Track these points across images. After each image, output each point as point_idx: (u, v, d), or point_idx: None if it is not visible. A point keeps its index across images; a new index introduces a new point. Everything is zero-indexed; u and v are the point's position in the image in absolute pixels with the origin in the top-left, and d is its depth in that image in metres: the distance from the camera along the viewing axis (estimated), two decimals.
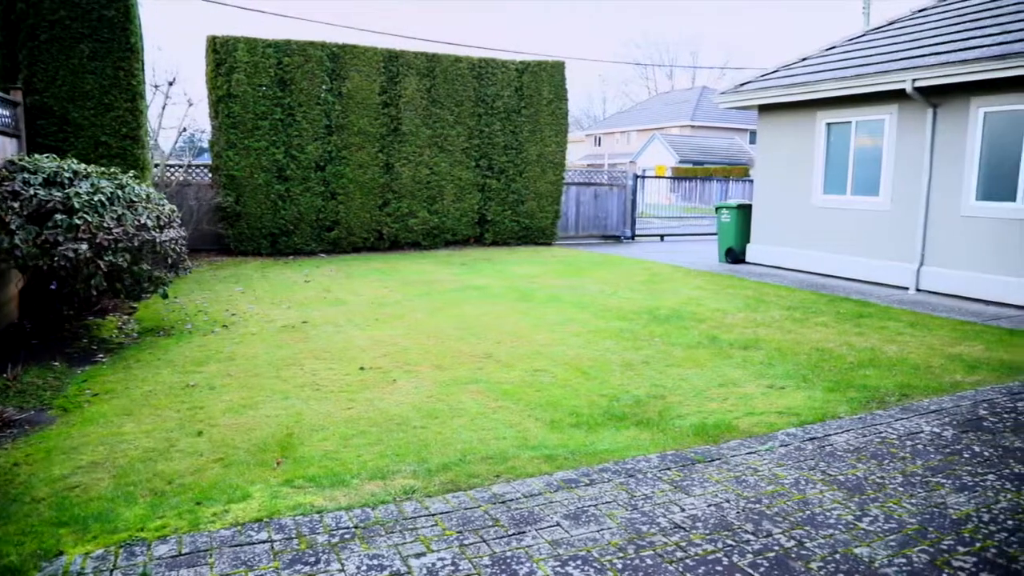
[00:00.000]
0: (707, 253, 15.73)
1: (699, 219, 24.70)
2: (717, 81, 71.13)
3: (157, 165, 13.37)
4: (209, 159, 14.33)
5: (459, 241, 16.39)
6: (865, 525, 3.50)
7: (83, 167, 7.04)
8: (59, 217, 6.23)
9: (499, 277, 11.74)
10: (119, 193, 6.88)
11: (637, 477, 4.06)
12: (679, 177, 28.89)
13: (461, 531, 3.42)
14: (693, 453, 4.44)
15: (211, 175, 14.10)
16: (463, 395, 5.58)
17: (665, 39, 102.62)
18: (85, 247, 6.21)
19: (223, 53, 13.42)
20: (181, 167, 14.21)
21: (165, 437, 4.62)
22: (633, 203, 18.97)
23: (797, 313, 8.89)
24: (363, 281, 11.25)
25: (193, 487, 3.89)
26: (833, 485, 3.97)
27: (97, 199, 6.52)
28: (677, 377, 6.12)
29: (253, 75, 13.58)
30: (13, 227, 6.09)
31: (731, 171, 39.38)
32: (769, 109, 13.24)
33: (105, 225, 6.46)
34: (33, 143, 9.27)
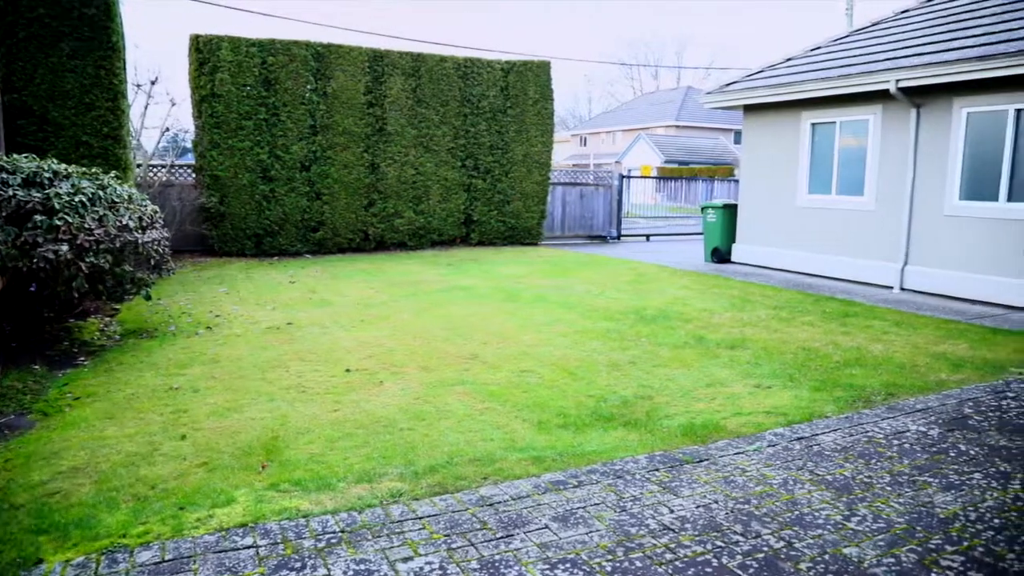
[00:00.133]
0: (693, 253, 15.77)
1: (685, 219, 24.78)
2: (702, 81, 71.39)
3: (139, 165, 13.23)
4: (192, 159, 14.19)
5: (445, 241, 16.34)
6: (854, 525, 3.50)
7: (63, 167, 6.94)
8: (39, 218, 6.13)
9: (485, 277, 11.70)
10: (100, 194, 6.78)
11: (625, 478, 4.05)
12: (665, 177, 29.00)
13: (449, 534, 3.39)
14: (681, 454, 4.43)
15: (195, 175, 13.97)
16: (450, 396, 5.55)
17: (651, 39, 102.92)
18: (66, 248, 6.12)
19: (206, 52, 13.30)
20: (164, 167, 14.08)
21: (148, 441, 4.56)
22: (619, 203, 18.99)
23: (783, 312, 8.91)
24: (349, 282, 11.18)
25: (177, 492, 3.83)
26: (821, 485, 3.97)
27: (78, 200, 6.43)
28: (664, 377, 6.12)
29: (237, 74, 13.47)
30: None
31: (716, 171, 39.54)
32: (754, 109, 13.29)
33: (86, 226, 6.37)
34: (12, 143, 9.14)
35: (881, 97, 10.79)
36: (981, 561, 3.17)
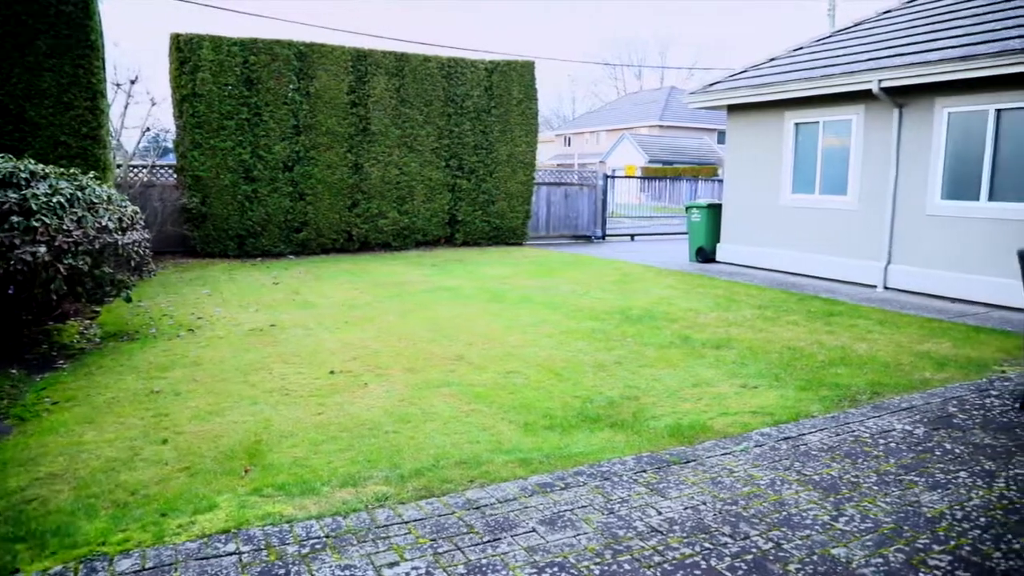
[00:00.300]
0: (678, 252, 15.80)
1: (669, 218, 24.85)
2: (686, 81, 71.63)
3: (120, 166, 13.07)
4: (174, 159, 14.05)
5: (429, 242, 16.27)
6: (841, 525, 3.49)
7: (41, 167, 6.83)
8: (15, 219, 6.03)
9: (470, 278, 11.66)
10: (79, 195, 6.68)
11: (613, 480, 4.02)
12: (649, 177, 29.06)
13: (435, 539, 3.35)
14: (668, 455, 4.41)
15: (176, 176, 13.82)
16: (435, 398, 5.50)
17: (634, 39, 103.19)
18: (43, 250, 6.02)
19: (187, 51, 13.16)
20: (145, 168, 13.91)
21: (128, 446, 4.48)
22: (604, 203, 18.99)
23: (768, 312, 8.94)
24: (333, 283, 11.10)
25: (158, 498, 3.77)
26: (808, 485, 3.96)
27: (56, 201, 6.33)
28: (650, 377, 6.10)
29: (218, 74, 13.34)
30: None
31: (700, 171, 39.69)
32: (738, 109, 13.33)
33: (64, 227, 6.27)
34: None
35: (864, 97, 10.85)
36: (968, 560, 3.18)
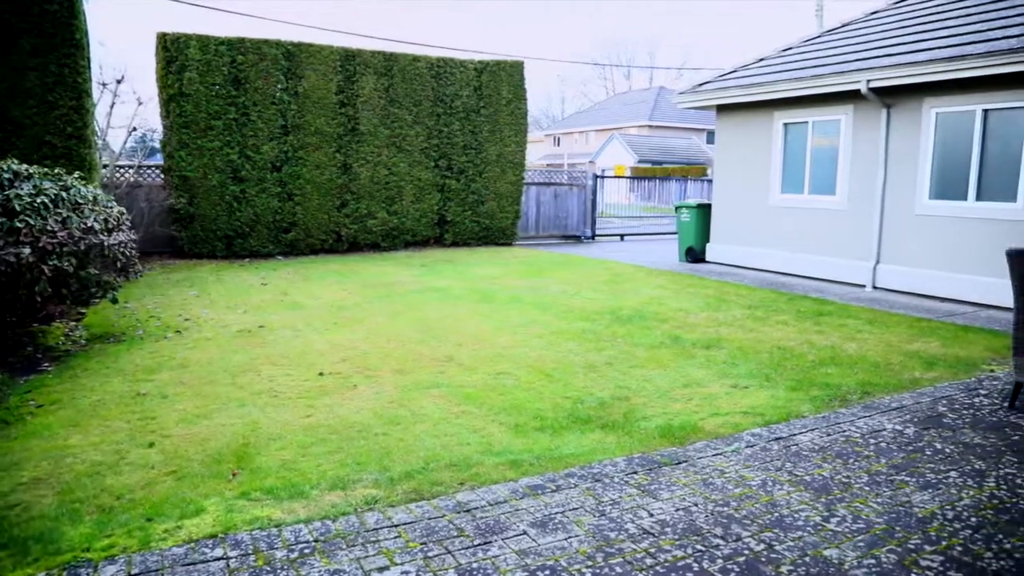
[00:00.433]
0: (667, 252, 15.81)
1: (658, 218, 24.87)
2: (674, 81, 71.78)
3: (106, 166, 12.96)
4: (161, 159, 13.93)
5: (419, 242, 16.22)
6: (833, 526, 3.48)
7: (24, 168, 6.75)
8: None
9: (460, 278, 11.62)
10: (64, 195, 6.60)
11: (604, 482, 4.00)
12: (638, 177, 29.10)
13: (425, 542, 3.31)
14: (659, 456, 4.40)
15: (163, 176, 13.71)
16: (425, 400, 5.47)
17: (623, 39, 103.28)
18: (27, 251, 5.94)
19: (174, 51, 13.06)
20: (132, 168, 13.80)
21: (114, 449, 4.43)
22: (593, 203, 18.99)
23: (758, 312, 8.94)
24: (321, 284, 11.04)
25: (144, 502, 3.71)
26: (800, 486, 3.95)
27: (40, 201, 6.25)
28: (641, 378, 6.09)
29: (206, 73, 13.25)
30: None
31: (689, 171, 39.79)
32: (727, 109, 13.35)
33: (49, 228, 6.19)
34: None
35: (852, 97, 10.88)
36: (960, 560, 3.17)
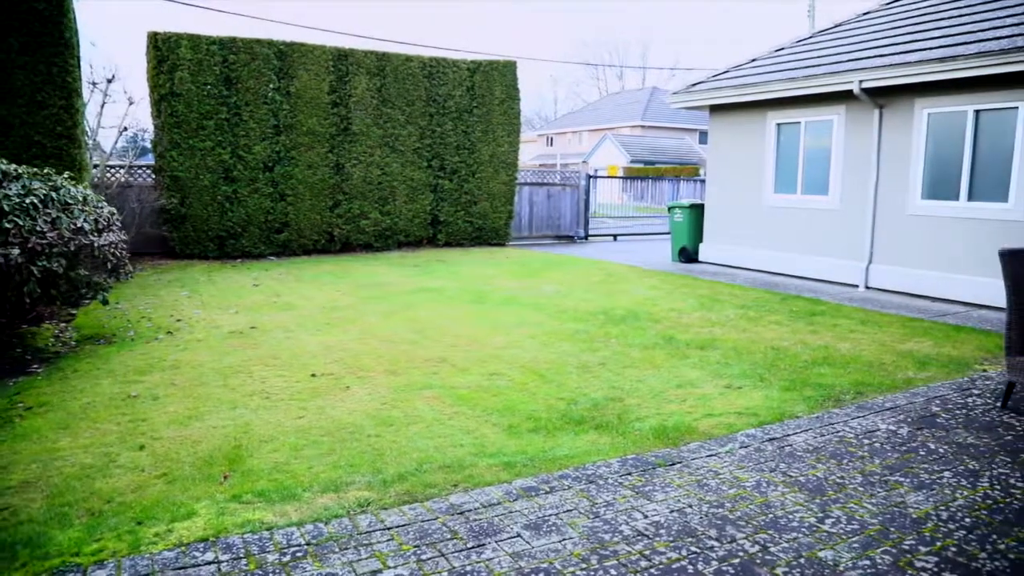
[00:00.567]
0: (660, 252, 15.82)
1: (651, 218, 24.88)
2: (667, 82, 71.90)
3: (96, 166, 12.88)
4: (152, 160, 13.86)
5: (412, 242, 16.18)
6: (828, 527, 3.47)
7: (13, 168, 6.68)
8: None
9: (453, 279, 11.59)
10: (53, 195, 6.55)
11: (598, 483, 3.98)
12: (631, 177, 29.12)
13: (419, 545, 3.29)
14: (654, 457, 4.38)
15: (154, 176, 13.64)
16: (418, 401, 5.44)
17: (615, 40, 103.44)
18: (16, 252, 5.89)
19: (165, 50, 12.99)
20: (122, 168, 13.72)
21: (104, 452, 4.38)
22: (586, 203, 18.99)
23: (751, 312, 8.95)
24: (314, 284, 11.00)
25: (134, 505, 3.68)
26: (794, 487, 3.94)
27: (29, 202, 6.20)
28: (635, 379, 6.07)
29: (197, 73, 13.18)
30: None
31: (682, 171, 39.85)
32: (720, 109, 13.36)
33: (38, 229, 6.14)
34: None
35: (845, 98, 10.90)
36: (955, 561, 3.16)
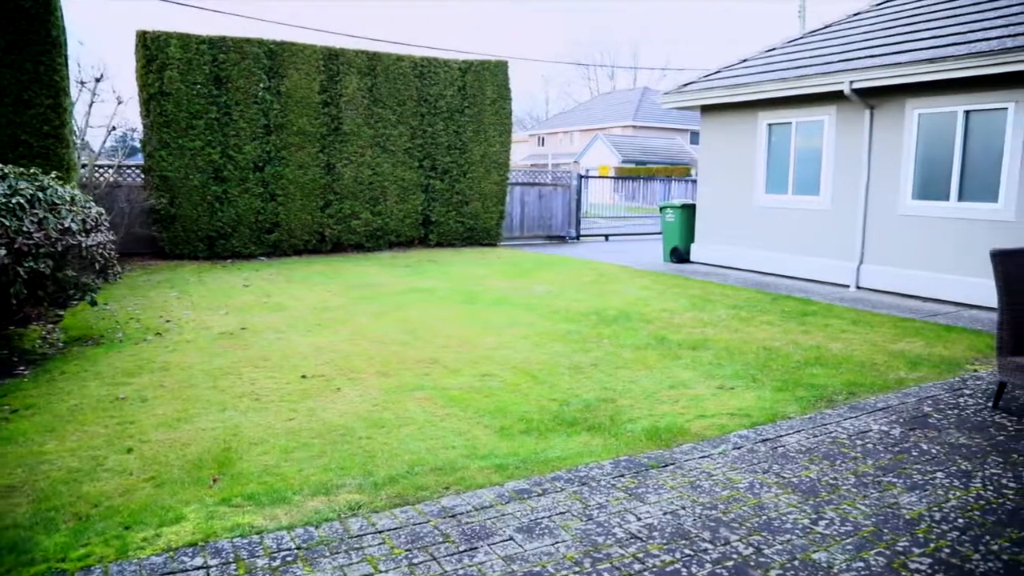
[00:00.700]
0: (652, 253, 15.82)
1: (643, 219, 24.91)
2: (658, 82, 71.99)
3: (85, 166, 12.78)
4: (141, 159, 13.76)
5: (403, 243, 16.13)
6: (821, 529, 3.46)
7: (0, 167, 6.62)
8: None
9: (444, 279, 11.56)
10: (40, 195, 6.49)
11: (590, 485, 3.96)
12: (622, 177, 29.15)
13: (410, 549, 3.26)
14: (646, 458, 4.36)
15: (143, 176, 13.54)
16: (409, 403, 5.41)
17: (606, 40, 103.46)
18: (3, 253, 5.83)
19: (154, 49, 12.90)
20: (111, 168, 13.62)
21: (91, 455, 4.33)
22: (578, 203, 18.97)
23: (743, 312, 8.95)
24: (305, 285, 10.94)
25: (122, 510, 3.63)
26: (788, 488, 3.93)
27: (15, 202, 6.13)
28: (627, 379, 6.06)
29: (187, 72, 13.10)
30: None
31: (673, 171, 39.92)
32: (712, 109, 13.37)
33: (24, 229, 6.08)
34: None
35: (836, 98, 10.92)
36: (948, 563, 3.16)
